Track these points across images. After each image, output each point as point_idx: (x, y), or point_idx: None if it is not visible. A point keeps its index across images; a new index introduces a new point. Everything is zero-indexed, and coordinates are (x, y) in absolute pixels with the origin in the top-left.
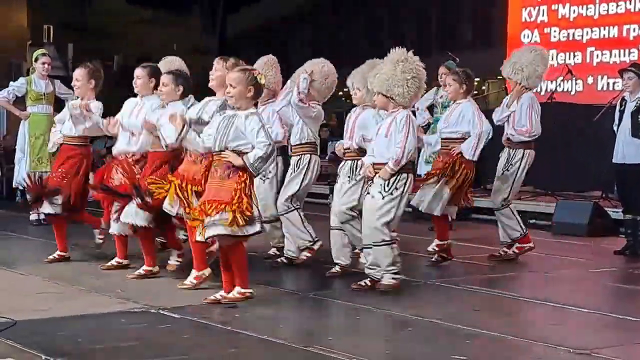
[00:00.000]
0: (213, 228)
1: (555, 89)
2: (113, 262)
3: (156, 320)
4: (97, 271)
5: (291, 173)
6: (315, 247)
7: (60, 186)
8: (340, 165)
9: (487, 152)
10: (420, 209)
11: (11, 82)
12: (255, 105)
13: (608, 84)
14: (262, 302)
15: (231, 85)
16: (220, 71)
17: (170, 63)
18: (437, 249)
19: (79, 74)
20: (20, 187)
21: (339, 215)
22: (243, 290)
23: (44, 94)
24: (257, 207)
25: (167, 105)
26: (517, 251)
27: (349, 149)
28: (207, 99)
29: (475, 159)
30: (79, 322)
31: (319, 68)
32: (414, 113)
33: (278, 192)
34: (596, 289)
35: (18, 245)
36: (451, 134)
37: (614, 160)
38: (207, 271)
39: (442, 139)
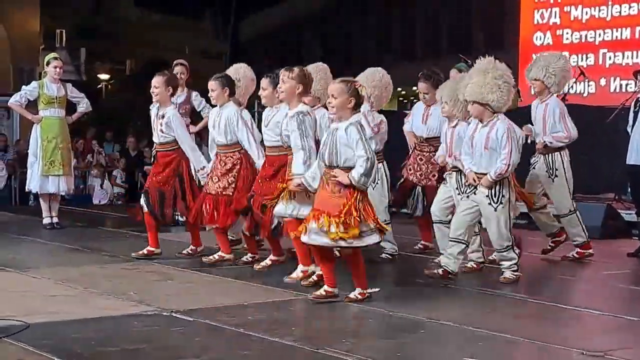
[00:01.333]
0: (319, 237)
1: (568, 90)
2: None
3: (168, 323)
4: (110, 274)
5: None
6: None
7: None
8: (447, 173)
9: None
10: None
11: (23, 86)
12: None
13: (621, 85)
14: (273, 304)
15: (333, 96)
16: (288, 82)
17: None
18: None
19: (156, 81)
20: (33, 192)
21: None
22: (364, 291)
23: (56, 97)
24: (373, 219)
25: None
26: (577, 256)
27: (456, 167)
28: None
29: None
30: (92, 325)
31: (379, 77)
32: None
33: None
34: (609, 291)
35: (31, 248)
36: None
37: (627, 162)
38: (313, 267)
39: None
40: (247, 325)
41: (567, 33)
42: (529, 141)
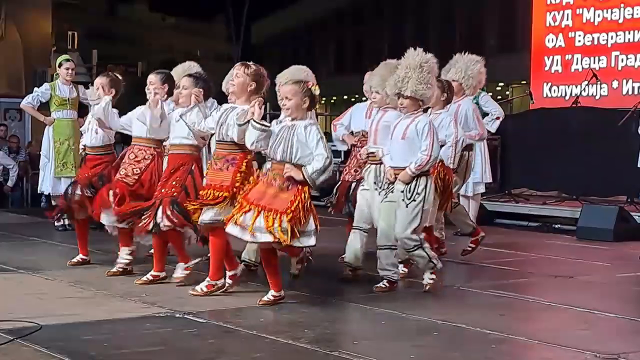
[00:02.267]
0: (265, 235)
1: (580, 93)
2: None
3: (181, 325)
4: (122, 276)
5: None
6: None
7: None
8: (365, 169)
9: (512, 157)
10: None
11: (35, 88)
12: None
13: (633, 88)
14: (286, 306)
15: (287, 98)
16: (242, 77)
17: (188, 69)
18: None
19: (99, 82)
20: (46, 193)
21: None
22: (277, 293)
23: (68, 99)
24: (316, 221)
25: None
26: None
27: (373, 153)
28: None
29: (455, 167)
30: (105, 327)
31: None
32: None
33: None
34: (622, 294)
35: (44, 250)
36: None
37: (638, 165)
38: (221, 281)
39: None
40: (259, 327)
41: (579, 35)
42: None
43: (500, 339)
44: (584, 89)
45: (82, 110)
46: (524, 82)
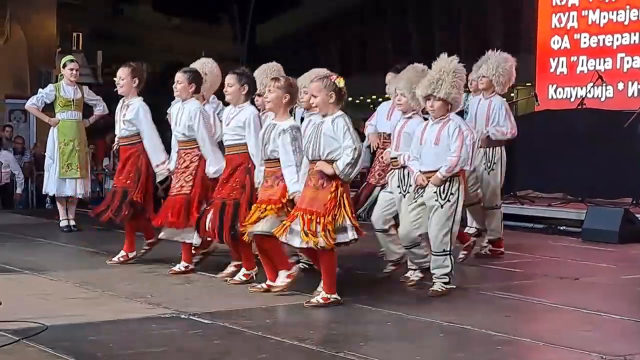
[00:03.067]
0: (298, 240)
1: (586, 95)
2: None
3: (187, 326)
4: (127, 277)
5: None
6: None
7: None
8: (389, 174)
9: (518, 159)
10: None
11: (40, 89)
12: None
13: (639, 90)
14: (292, 307)
15: (313, 96)
16: (275, 92)
17: (202, 65)
18: None
19: (122, 72)
20: (50, 194)
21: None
22: (327, 295)
23: (73, 100)
24: (351, 216)
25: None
26: (489, 253)
27: (395, 158)
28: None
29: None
30: (110, 328)
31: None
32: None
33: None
34: (628, 296)
35: (49, 251)
36: None
37: None
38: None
39: None
40: (265, 328)
41: (584, 37)
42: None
43: (506, 341)
44: (590, 90)
45: (87, 110)
46: (529, 84)
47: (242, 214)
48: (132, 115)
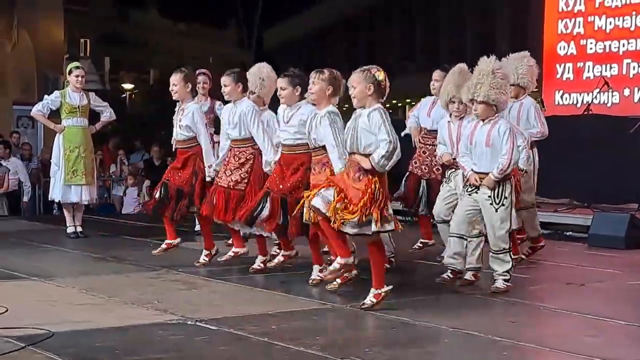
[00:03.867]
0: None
1: (592, 101)
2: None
3: (193, 332)
4: (134, 283)
5: None
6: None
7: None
8: (451, 171)
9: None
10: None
11: (46, 96)
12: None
13: None
14: (298, 313)
15: (352, 87)
16: (319, 84)
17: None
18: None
19: (175, 78)
20: (56, 201)
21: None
22: (378, 291)
23: (78, 106)
24: (388, 206)
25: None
26: (530, 251)
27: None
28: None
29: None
30: (117, 334)
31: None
32: None
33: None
34: (633, 301)
35: (56, 257)
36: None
37: None
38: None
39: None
40: (271, 334)
41: (590, 43)
42: None
43: (511, 346)
44: (596, 96)
45: (94, 117)
46: (536, 89)
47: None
48: (187, 120)
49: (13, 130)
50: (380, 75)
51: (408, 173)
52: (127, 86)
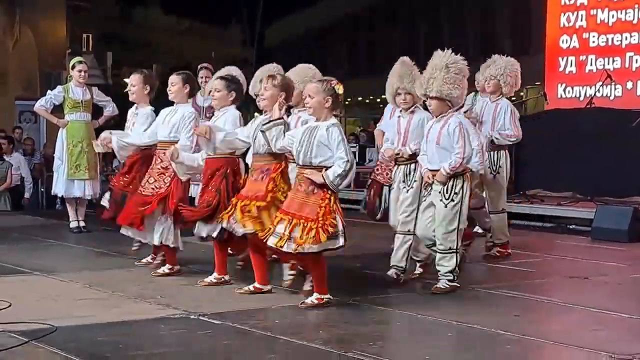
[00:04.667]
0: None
1: (595, 94)
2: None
3: (196, 326)
4: (137, 278)
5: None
6: None
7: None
8: (394, 170)
9: (527, 158)
10: None
11: (49, 91)
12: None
13: None
14: (301, 308)
15: (309, 96)
16: (271, 90)
17: (227, 72)
18: None
19: (134, 79)
20: (59, 195)
21: (400, 226)
22: (321, 296)
23: (81, 101)
24: (342, 221)
25: (219, 110)
26: (497, 254)
27: (399, 154)
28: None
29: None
30: (120, 328)
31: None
32: None
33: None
34: (637, 295)
35: (59, 252)
36: None
37: None
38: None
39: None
40: (274, 328)
41: (593, 36)
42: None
43: (515, 340)
44: (598, 89)
45: (97, 112)
46: (538, 83)
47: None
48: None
49: (15, 126)
50: (340, 89)
51: (371, 181)
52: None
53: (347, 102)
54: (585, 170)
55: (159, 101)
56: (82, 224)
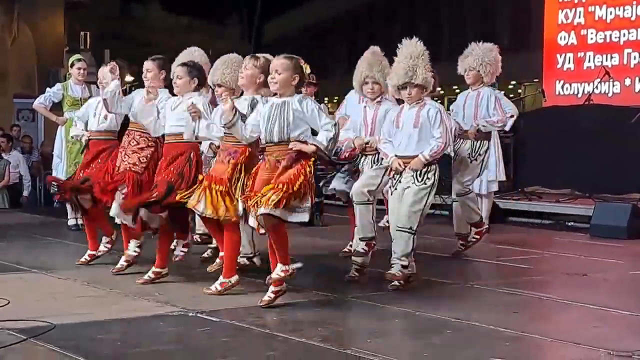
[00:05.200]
0: (262, 208)
1: (593, 90)
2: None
3: (194, 324)
4: (135, 275)
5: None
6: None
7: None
8: (362, 160)
9: (526, 155)
10: None
11: (47, 89)
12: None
13: None
14: (299, 305)
15: (276, 72)
16: (251, 70)
17: (190, 54)
18: None
19: (148, 65)
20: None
21: (357, 196)
22: (286, 267)
23: (80, 99)
24: (312, 198)
25: (182, 97)
26: (476, 237)
27: (368, 143)
28: (240, 98)
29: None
30: (118, 326)
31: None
32: None
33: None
34: (636, 291)
35: (57, 249)
36: None
37: None
38: (235, 278)
39: None
40: (273, 325)
41: (591, 33)
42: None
43: (514, 337)
44: (597, 86)
45: None
46: (536, 80)
47: None
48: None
49: (13, 124)
50: (307, 68)
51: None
52: (128, 79)
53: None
54: (583, 167)
55: None
56: (80, 221)
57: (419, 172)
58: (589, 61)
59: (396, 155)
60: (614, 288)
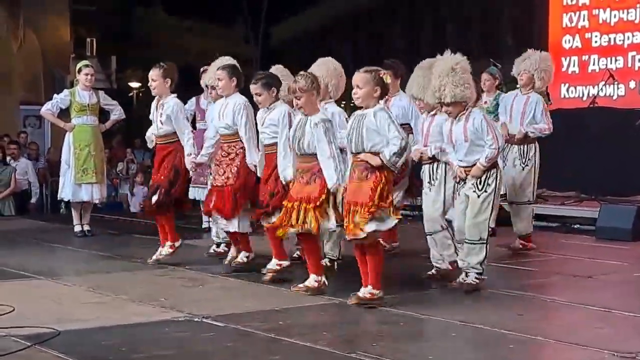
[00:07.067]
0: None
1: (597, 93)
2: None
3: (199, 329)
4: (140, 281)
5: None
6: None
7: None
8: (421, 171)
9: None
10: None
11: (55, 95)
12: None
13: None
14: (305, 309)
15: (358, 87)
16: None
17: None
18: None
19: (153, 74)
20: (66, 200)
21: (430, 224)
22: (374, 291)
23: (88, 105)
24: (393, 206)
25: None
26: (520, 246)
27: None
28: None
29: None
30: (123, 332)
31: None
32: None
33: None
34: None
35: (62, 256)
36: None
37: None
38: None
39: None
40: (278, 330)
41: (595, 36)
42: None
43: (519, 339)
44: (601, 89)
45: (104, 115)
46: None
47: None
48: (168, 114)
49: (20, 130)
50: (388, 78)
51: None
52: (134, 84)
53: (352, 102)
54: (589, 169)
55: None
56: (86, 228)
57: (478, 180)
58: (594, 64)
59: (459, 166)
60: (618, 290)
